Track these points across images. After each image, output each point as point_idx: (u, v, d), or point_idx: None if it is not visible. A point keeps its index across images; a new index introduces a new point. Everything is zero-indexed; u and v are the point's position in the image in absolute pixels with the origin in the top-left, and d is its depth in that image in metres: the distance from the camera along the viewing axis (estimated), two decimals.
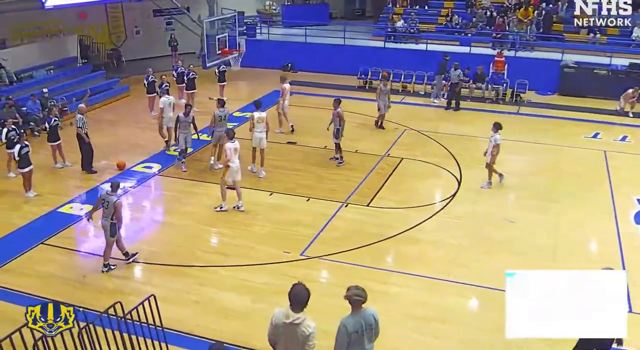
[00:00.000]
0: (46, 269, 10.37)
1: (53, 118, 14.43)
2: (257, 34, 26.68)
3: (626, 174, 14.38)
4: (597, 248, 11.29)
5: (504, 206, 12.79)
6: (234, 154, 12.00)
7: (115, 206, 9.77)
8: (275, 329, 6.05)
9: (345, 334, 6.06)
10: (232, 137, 12.08)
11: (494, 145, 13.00)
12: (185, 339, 8.39)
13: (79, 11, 23.56)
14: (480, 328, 8.60)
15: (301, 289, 5.86)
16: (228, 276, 10.09)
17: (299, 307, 5.85)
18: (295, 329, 5.87)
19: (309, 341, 5.92)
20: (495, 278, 9.56)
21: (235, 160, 12.05)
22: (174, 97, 16.27)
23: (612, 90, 19.72)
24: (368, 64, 22.97)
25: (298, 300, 5.83)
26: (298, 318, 5.84)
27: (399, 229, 11.62)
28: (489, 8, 24.60)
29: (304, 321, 5.87)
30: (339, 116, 14.21)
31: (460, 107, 19.71)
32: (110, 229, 9.95)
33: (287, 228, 11.71)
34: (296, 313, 5.84)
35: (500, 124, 13.25)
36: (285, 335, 5.98)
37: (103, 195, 10.09)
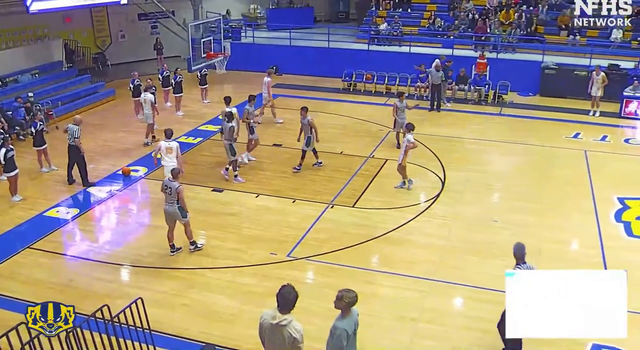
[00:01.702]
0: (32, 273, 10.36)
1: (38, 122, 14.42)
2: (242, 37, 26.76)
3: (606, 173, 14.61)
4: (579, 247, 11.43)
5: (488, 206, 12.94)
6: (166, 153, 12.65)
7: (177, 192, 10.33)
8: (262, 329, 6.11)
9: (345, 338, 6.14)
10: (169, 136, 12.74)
11: (407, 145, 12.99)
12: (173, 341, 8.39)
13: (63, 15, 23.47)
14: (467, 327, 8.67)
15: (289, 291, 5.90)
16: (215, 278, 10.11)
17: (286, 308, 5.90)
18: (282, 331, 5.92)
19: (298, 343, 5.97)
20: (481, 278, 9.80)
21: (166, 159, 12.64)
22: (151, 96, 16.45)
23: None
24: (352, 66, 23.16)
25: (285, 301, 5.88)
26: (285, 319, 5.89)
27: (385, 229, 11.73)
28: (471, 10, 24.91)
29: (290, 323, 5.91)
30: (310, 124, 14.05)
31: (442, 109, 19.96)
32: (180, 213, 10.51)
33: (274, 230, 11.78)
34: (283, 314, 5.89)
35: (412, 124, 13.38)
36: (271, 336, 6.03)
37: (165, 181, 10.59)
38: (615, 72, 20.51)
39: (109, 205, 13.20)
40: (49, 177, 14.49)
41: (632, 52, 21.61)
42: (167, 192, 10.47)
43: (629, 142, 17.22)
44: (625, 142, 17.17)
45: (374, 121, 18.47)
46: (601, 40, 22.58)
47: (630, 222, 12.08)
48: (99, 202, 13.22)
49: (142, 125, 17.22)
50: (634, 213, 12.45)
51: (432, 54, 22.03)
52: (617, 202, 12.94)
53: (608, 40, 22.50)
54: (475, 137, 17.43)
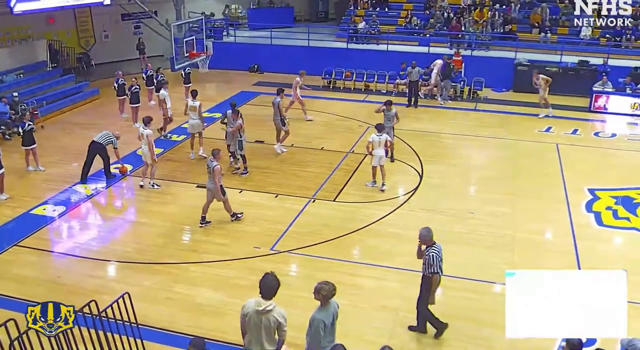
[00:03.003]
0: (20, 270, 10.38)
1: (27, 122, 14.45)
2: (224, 36, 26.93)
3: (577, 165, 15.03)
4: (552, 237, 11.71)
5: (464, 199, 13.21)
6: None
7: (213, 170, 11.25)
8: (245, 319, 6.31)
9: (323, 329, 6.33)
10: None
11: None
12: (160, 335, 8.51)
13: (47, 16, 23.49)
14: (448, 316, 8.80)
15: (271, 279, 6.18)
16: (201, 272, 10.26)
17: (269, 295, 6.16)
18: (268, 316, 6.16)
19: (283, 327, 6.25)
20: (459, 268, 9.97)
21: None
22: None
23: (562, 87, 20.53)
24: (332, 64, 23.51)
25: (268, 288, 6.14)
26: (270, 305, 6.14)
27: (365, 222, 11.98)
28: (447, 9, 25.35)
29: (274, 308, 6.17)
30: (241, 127, 14.03)
31: (419, 105, 20.34)
32: (221, 189, 11.46)
33: (257, 224, 11.97)
34: (266, 301, 6.16)
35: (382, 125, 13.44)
36: (256, 323, 6.23)
37: (208, 162, 11.57)
38: (585, 68, 21.12)
39: (94, 203, 13.33)
40: (36, 176, 14.55)
41: (600, 49, 22.15)
42: (208, 171, 11.45)
43: (598, 135, 17.73)
44: (595, 135, 17.68)
45: (353, 117, 18.80)
46: (571, 38, 23.13)
47: (600, 212, 12.45)
48: (84, 199, 13.32)
49: (126, 123, 17.58)
50: (604, 203, 12.83)
51: (408, 52, 22.54)
52: (587, 193, 13.31)
53: (578, 38, 23.07)
54: (452, 131, 17.81)
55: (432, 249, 8.04)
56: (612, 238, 11.66)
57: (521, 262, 10.44)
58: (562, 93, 20.52)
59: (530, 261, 10.56)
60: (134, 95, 17.99)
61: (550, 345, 8.14)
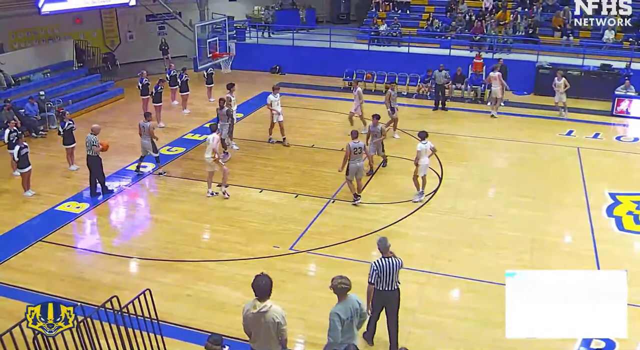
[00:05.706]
0: (45, 265, 10.58)
1: (67, 121, 14.67)
2: (247, 37, 27.15)
3: (598, 169, 14.87)
4: (572, 241, 11.59)
5: (484, 201, 13.16)
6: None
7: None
8: (246, 320, 6.32)
9: (339, 322, 6.32)
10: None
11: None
12: (180, 331, 8.61)
13: (74, 16, 23.90)
14: (465, 318, 8.80)
15: (262, 279, 6.08)
16: (220, 271, 10.34)
17: (263, 297, 6.10)
18: (265, 317, 6.12)
19: (281, 326, 6.20)
20: (477, 271, 9.99)
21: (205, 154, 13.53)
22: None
23: (584, 90, 20.35)
24: (353, 66, 23.55)
25: (260, 290, 6.07)
26: (265, 306, 6.09)
27: (384, 223, 11.97)
28: (468, 12, 25.26)
29: (271, 308, 6.11)
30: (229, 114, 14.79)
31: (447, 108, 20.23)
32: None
33: (277, 224, 12.04)
34: (262, 302, 6.10)
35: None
36: (255, 324, 6.24)
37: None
38: (608, 72, 20.87)
39: (117, 200, 13.52)
40: (60, 173, 14.81)
41: (623, 53, 21.89)
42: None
43: (620, 139, 17.54)
44: (617, 140, 17.49)
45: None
46: (594, 41, 22.90)
47: (621, 217, 12.31)
48: (108, 197, 13.49)
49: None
50: (625, 208, 12.69)
51: (430, 55, 22.57)
52: (608, 198, 13.17)
53: (600, 41, 22.81)
54: (472, 134, 17.73)
55: (380, 259, 7.72)
56: (632, 243, 11.51)
57: (540, 265, 10.36)
58: (584, 97, 20.31)
59: (549, 264, 10.47)
60: (157, 94, 18.24)
61: (570, 345, 8.09)
